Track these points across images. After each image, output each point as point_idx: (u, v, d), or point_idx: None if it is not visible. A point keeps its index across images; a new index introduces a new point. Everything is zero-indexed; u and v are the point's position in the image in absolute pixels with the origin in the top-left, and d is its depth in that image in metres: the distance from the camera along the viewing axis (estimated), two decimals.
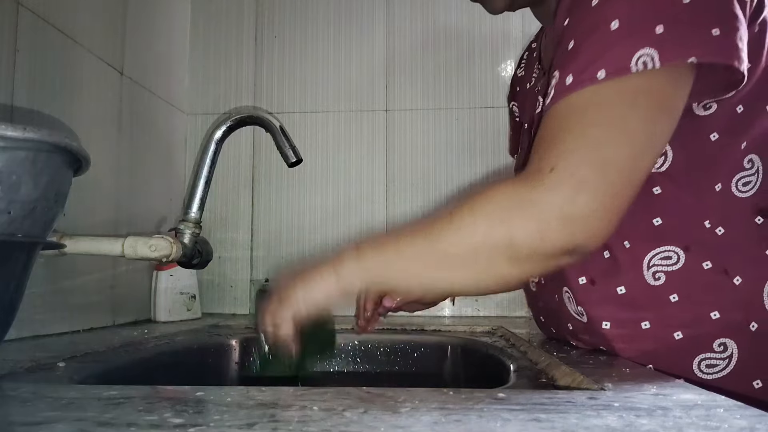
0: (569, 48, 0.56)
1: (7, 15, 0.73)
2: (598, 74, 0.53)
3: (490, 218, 0.54)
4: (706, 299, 0.60)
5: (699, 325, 0.60)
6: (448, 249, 0.56)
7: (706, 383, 0.60)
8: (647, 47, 0.52)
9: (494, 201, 0.56)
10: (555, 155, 0.53)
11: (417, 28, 1.31)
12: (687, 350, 0.61)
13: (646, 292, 0.61)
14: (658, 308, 0.61)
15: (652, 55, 0.51)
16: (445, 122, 1.28)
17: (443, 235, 0.56)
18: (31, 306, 0.76)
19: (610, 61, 0.52)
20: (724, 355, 0.60)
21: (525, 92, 0.87)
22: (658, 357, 0.62)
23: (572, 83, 0.54)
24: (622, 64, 0.52)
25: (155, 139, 1.17)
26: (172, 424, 0.32)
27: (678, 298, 0.61)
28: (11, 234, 0.46)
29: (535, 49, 0.88)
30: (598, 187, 0.52)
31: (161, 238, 0.72)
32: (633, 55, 0.52)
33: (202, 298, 1.20)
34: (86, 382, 0.54)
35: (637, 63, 0.51)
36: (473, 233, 0.55)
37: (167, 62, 1.23)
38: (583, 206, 0.52)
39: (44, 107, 0.81)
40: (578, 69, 0.54)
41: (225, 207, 1.30)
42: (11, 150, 0.45)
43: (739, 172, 0.61)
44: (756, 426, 0.32)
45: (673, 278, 0.61)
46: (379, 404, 0.37)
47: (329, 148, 1.30)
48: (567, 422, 0.33)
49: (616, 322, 0.63)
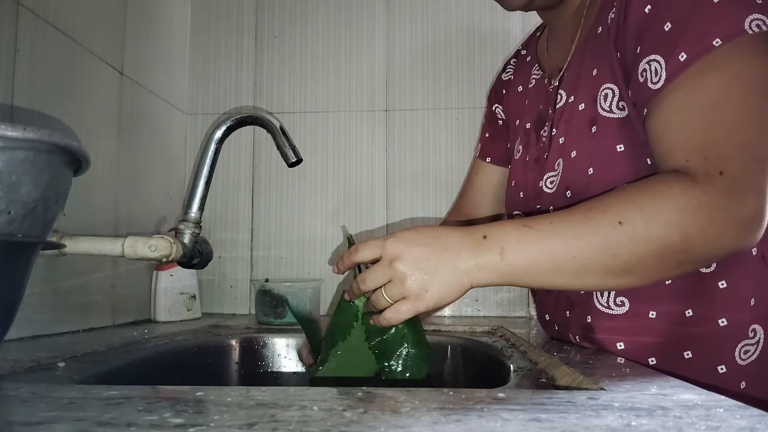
0: (667, 29, 0.56)
1: (7, 15, 0.73)
2: (714, 42, 0.53)
3: (667, 223, 0.52)
4: (747, 284, 0.62)
5: (742, 311, 0.62)
6: (616, 258, 0.53)
7: (742, 369, 0.62)
8: (756, 13, 0.53)
9: (668, 204, 0.53)
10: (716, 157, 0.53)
11: (417, 29, 1.31)
12: (730, 337, 0.62)
13: (696, 280, 0.62)
14: (706, 296, 0.62)
15: (763, 19, 0.53)
16: (445, 122, 1.28)
17: (612, 243, 0.53)
18: (31, 306, 0.76)
19: (724, 27, 0.53)
20: (754, 340, 0.62)
21: (518, 94, 0.87)
22: (701, 345, 0.62)
23: (688, 58, 0.54)
24: (737, 27, 0.53)
25: (155, 139, 1.17)
26: (172, 424, 0.32)
27: (726, 284, 0.62)
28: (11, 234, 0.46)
29: (527, 54, 0.88)
30: (760, 187, 0.53)
31: (161, 238, 0.72)
32: (745, 19, 0.53)
33: (202, 298, 1.20)
34: (86, 382, 0.54)
35: (750, 25, 0.53)
36: (648, 238, 0.52)
37: (167, 62, 1.23)
38: (752, 208, 0.52)
39: (44, 107, 0.81)
40: (690, 44, 0.54)
41: (225, 207, 1.30)
42: (11, 150, 0.45)
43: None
44: (756, 426, 0.32)
45: (724, 265, 0.62)
46: (379, 404, 0.37)
47: (329, 148, 1.30)
48: (567, 422, 0.33)
49: (660, 312, 0.64)
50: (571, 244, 0.54)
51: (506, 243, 0.56)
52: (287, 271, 1.27)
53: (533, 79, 0.83)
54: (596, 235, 0.53)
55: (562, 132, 0.71)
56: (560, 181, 0.69)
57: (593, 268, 0.54)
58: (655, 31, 0.58)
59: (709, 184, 0.52)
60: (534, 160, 0.76)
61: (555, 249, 0.54)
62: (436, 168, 1.27)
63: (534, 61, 0.85)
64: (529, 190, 0.76)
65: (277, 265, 1.28)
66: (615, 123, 0.64)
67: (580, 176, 0.66)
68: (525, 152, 0.80)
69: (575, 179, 0.67)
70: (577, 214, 0.56)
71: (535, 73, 0.83)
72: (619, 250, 0.53)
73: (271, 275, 1.27)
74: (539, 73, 0.82)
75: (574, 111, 0.69)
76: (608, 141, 0.64)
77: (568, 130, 0.70)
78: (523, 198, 0.78)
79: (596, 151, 0.65)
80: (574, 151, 0.68)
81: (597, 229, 0.54)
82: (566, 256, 0.54)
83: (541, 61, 0.83)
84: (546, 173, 0.73)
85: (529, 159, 0.78)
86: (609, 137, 0.64)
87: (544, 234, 0.55)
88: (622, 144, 0.63)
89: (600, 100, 0.66)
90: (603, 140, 0.65)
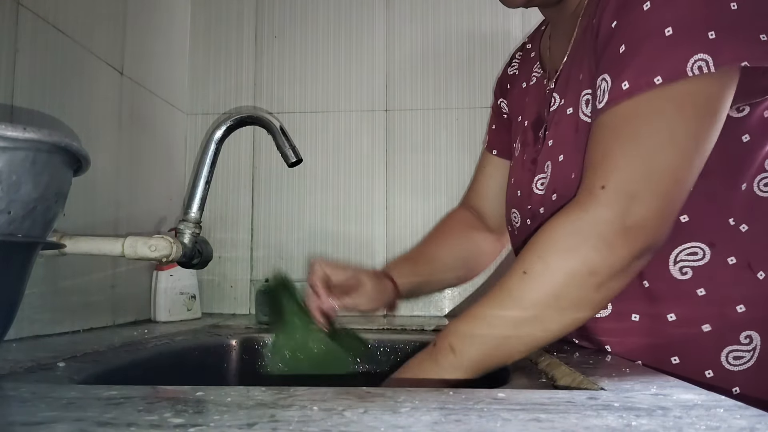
0: (621, 52, 0.57)
1: (7, 15, 0.73)
2: (655, 79, 0.54)
3: (560, 254, 0.54)
4: (732, 293, 0.62)
5: (726, 317, 0.62)
6: (536, 304, 0.55)
7: (733, 374, 0.62)
8: (701, 53, 0.53)
9: (555, 236, 0.56)
10: (605, 173, 0.55)
11: (417, 28, 1.31)
12: (715, 342, 0.62)
13: (672, 286, 0.63)
14: (685, 302, 0.63)
15: (706, 60, 0.53)
16: (445, 122, 1.28)
17: (524, 293, 0.55)
18: (31, 306, 0.76)
19: (667, 67, 0.54)
20: (749, 347, 0.62)
21: (521, 90, 0.87)
22: (685, 349, 0.63)
23: (629, 88, 0.55)
24: (679, 68, 0.53)
25: (155, 139, 1.17)
26: (172, 424, 0.32)
27: (705, 292, 0.62)
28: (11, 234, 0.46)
29: (531, 49, 0.88)
30: (649, 198, 0.53)
31: (161, 238, 0.72)
32: (689, 60, 0.53)
33: (202, 298, 1.20)
34: (86, 382, 0.54)
35: (692, 68, 0.53)
36: (552, 275, 0.54)
37: (167, 62, 1.23)
38: (638, 216, 0.53)
39: (44, 107, 0.81)
40: (635, 74, 0.55)
41: (225, 207, 1.30)
42: (11, 150, 0.45)
43: (761, 173, 0.63)
44: (756, 426, 0.32)
45: (700, 273, 0.62)
46: (379, 404, 0.37)
47: (329, 148, 1.30)
48: (567, 422, 0.33)
49: (643, 315, 0.64)
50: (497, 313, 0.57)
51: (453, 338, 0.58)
52: (287, 271, 1.27)
53: (534, 77, 0.83)
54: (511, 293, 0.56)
55: (552, 135, 0.72)
56: (549, 184, 0.70)
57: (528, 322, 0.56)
58: (612, 50, 0.58)
59: (591, 201, 0.55)
60: (531, 161, 0.76)
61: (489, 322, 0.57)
62: (436, 168, 1.27)
63: (537, 57, 0.85)
64: (524, 190, 0.77)
65: (277, 265, 1.28)
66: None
67: (565, 180, 0.67)
68: (523, 151, 0.80)
69: (562, 183, 0.68)
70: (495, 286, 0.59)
71: (536, 71, 0.83)
72: (533, 296, 0.55)
73: (271, 275, 1.26)
74: (540, 72, 0.82)
75: (563, 115, 0.70)
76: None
77: (557, 133, 0.71)
78: (519, 197, 0.78)
79: (578, 156, 0.65)
80: (561, 155, 0.69)
81: (510, 288, 0.57)
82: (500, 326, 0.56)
83: (542, 59, 0.83)
84: (537, 174, 0.73)
85: (527, 158, 0.78)
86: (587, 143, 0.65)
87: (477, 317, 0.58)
88: None
89: (582, 105, 0.66)
90: (583, 145, 0.65)
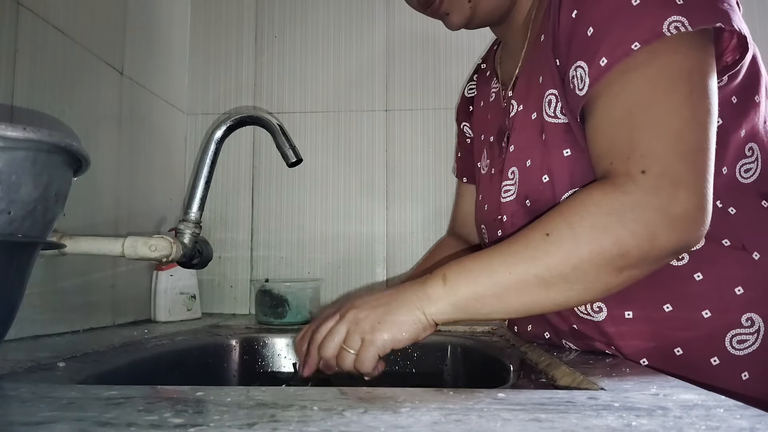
0: (589, 35, 0.56)
1: (7, 15, 0.73)
2: (633, 46, 0.53)
3: (591, 229, 0.52)
4: (729, 275, 0.60)
5: (725, 300, 0.60)
6: (550, 268, 0.53)
7: (739, 359, 0.60)
8: (675, 14, 0.52)
9: (589, 210, 0.53)
10: (639, 156, 0.52)
11: (417, 28, 1.31)
12: (717, 327, 0.60)
13: (669, 272, 0.61)
14: (683, 288, 0.61)
15: (682, 20, 0.52)
16: (445, 122, 1.28)
17: (542, 253, 0.53)
18: (31, 306, 0.76)
19: (641, 32, 0.53)
20: (752, 330, 0.60)
21: (481, 109, 0.87)
22: (687, 338, 0.61)
23: (608, 63, 0.54)
24: (655, 29, 0.52)
25: (155, 139, 1.17)
26: (172, 424, 0.32)
27: (702, 276, 0.61)
28: (11, 234, 0.46)
29: (486, 69, 0.89)
30: (692, 180, 0.52)
31: (161, 238, 0.71)
32: (663, 22, 0.52)
33: (202, 298, 1.20)
34: (86, 382, 0.54)
35: (669, 28, 0.52)
36: (577, 247, 0.52)
37: (167, 62, 1.23)
38: (684, 202, 0.51)
39: (44, 107, 0.81)
40: (610, 48, 0.54)
41: (225, 207, 1.30)
42: (11, 150, 0.45)
43: (742, 159, 0.62)
44: (756, 426, 0.32)
45: (697, 257, 0.61)
46: (379, 404, 0.37)
47: (329, 148, 1.30)
48: (567, 422, 0.33)
49: (639, 305, 0.62)
50: (505, 260, 0.55)
51: (448, 270, 0.57)
52: (287, 271, 1.27)
53: (493, 93, 0.83)
54: (526, 248, 0.54)
55: (514, 140, 0.71)
56: (518, 191, 0.69)
57: (533, 282, 0.54)
58: (580, 37, 0.58)
59: (631, 185, 0.52)
60: (499, 172, 0.76)
61: (492, 267, 0.55)
62: (436, 168, 1.27)
63: (493, 74, 0.85)
64: (492, 203, 0.76)
65: (277, 265, 1.28)
66: (560, 128, 0.64)
67: (537, 184, 0.66)
68: (491, 165, 0.79)
69: (533, 188, 0.66)
70: (510, 237, 0.57)
71: (494, 86, 0.83)
72: (551, 260, 0.53)
73: (271, 275, 1.26)
74: (497, 86, 0.82)
75: (526, 120, 0.69)
76: (556, 147, 0.64)
77: (519, 138, 0.70)
78: (486, 211, 0.78)
79: (547, 158, 0.65)
80: (528, 159, 0.68)
81: (527, 243, 0.55)
82: (503, 273, 0.55)
83: (498, 74, 0.83)
84: (502, 182, 0.72)
85: (495, 171, 0.77)
86: (556, 143, 0.64)
87: (480, 258, 0.57)
88: (569, 149, 0.63)
89: (545, 106, 0.66)
90: (552, 147, 0.65)
